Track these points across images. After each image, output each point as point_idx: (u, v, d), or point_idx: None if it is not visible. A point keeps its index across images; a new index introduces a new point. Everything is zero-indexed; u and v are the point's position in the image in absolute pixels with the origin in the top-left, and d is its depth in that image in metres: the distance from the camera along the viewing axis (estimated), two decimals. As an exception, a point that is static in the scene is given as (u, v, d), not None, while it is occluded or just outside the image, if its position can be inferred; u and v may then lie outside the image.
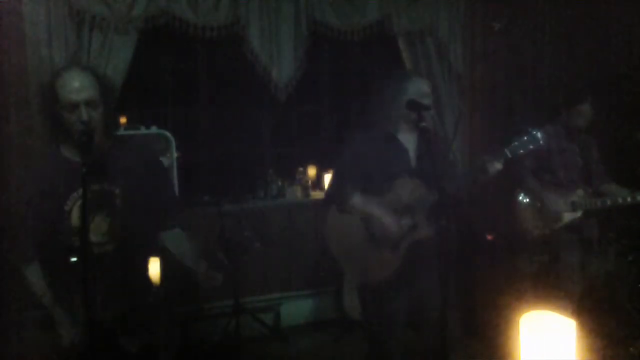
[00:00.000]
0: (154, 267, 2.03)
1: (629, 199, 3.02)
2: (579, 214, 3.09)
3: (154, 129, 3.64)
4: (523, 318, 1.42)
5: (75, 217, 1.88)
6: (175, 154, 3.65)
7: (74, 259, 1.66)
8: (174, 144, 3.64)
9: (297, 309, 3.98)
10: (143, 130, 3.61)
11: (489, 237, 3.75)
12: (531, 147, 2.24)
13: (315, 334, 3.86)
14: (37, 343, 1.97)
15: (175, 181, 3.65)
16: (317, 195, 4.13)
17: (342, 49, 4.17)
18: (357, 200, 2.41)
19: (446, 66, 4.18)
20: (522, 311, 1.43)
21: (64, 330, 1.88)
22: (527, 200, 3.17)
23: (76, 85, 1.83)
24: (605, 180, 3.25)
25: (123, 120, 3.67)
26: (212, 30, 3.55)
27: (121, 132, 3.52)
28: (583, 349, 1.45)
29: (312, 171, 4.29)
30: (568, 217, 3.10)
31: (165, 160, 3.65)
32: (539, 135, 2.22)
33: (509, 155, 2.23)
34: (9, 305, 2.71)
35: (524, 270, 3.28)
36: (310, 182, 4.22)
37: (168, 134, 3.64)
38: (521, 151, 2.24)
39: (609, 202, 3.06)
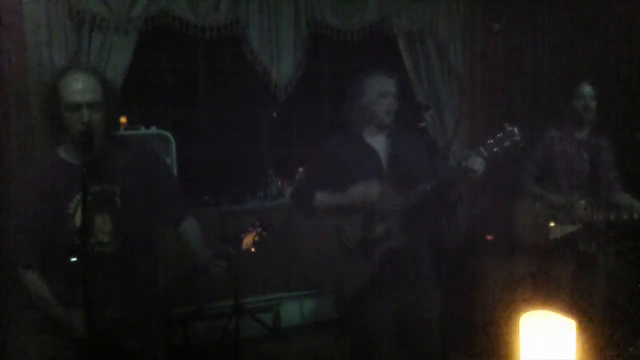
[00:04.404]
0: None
1: (635, 216, 2.80)
2: (578, 226, 2.93)
3: (153, 129, 3.64)
4: (523, 318, 1.42)
5: (78, 219, 1.88)
6: (175, 154, 3.64)
7: (73, 259, 1.66)
8: (174, 144, 3.64)
9: (297, 309, 3.97)
10: (143, 131, 3.61)
11: (489, 237, 3.75)
12: (507, 144, 2.13)
13: (315, 334, 3.86)
14: (37, 343, 1.97)
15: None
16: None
17: (342, 49, 4.17)
18: (321, 195, 2.30)
19: (446, 66, 4.19)
20: (522, 311, 1.43)
21: (66, 328, 1.87)
22: (527, 208, 3.03)
23: (80, 87, 1.82)
24: (616, 190, 3.02)
25: (123, 120, 3.67)
26: (212, 31, 3.55)
27: (121, 132, 3.57)
28: (583, 349, 1.45)
29: (312, 171, 4.29)
30: (567, 229, 2.94)
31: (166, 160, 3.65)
32: (515, 131, 2.12)
33: (485, 153, 2.12)
34: (8, 304, 2.71)
35: (523, 270, 3.27)
36: (310, 182, 4.22)
37: (168, 134, 3.64)
38: (496, 149, 2.13)
39: (612, 217, 2.86)
